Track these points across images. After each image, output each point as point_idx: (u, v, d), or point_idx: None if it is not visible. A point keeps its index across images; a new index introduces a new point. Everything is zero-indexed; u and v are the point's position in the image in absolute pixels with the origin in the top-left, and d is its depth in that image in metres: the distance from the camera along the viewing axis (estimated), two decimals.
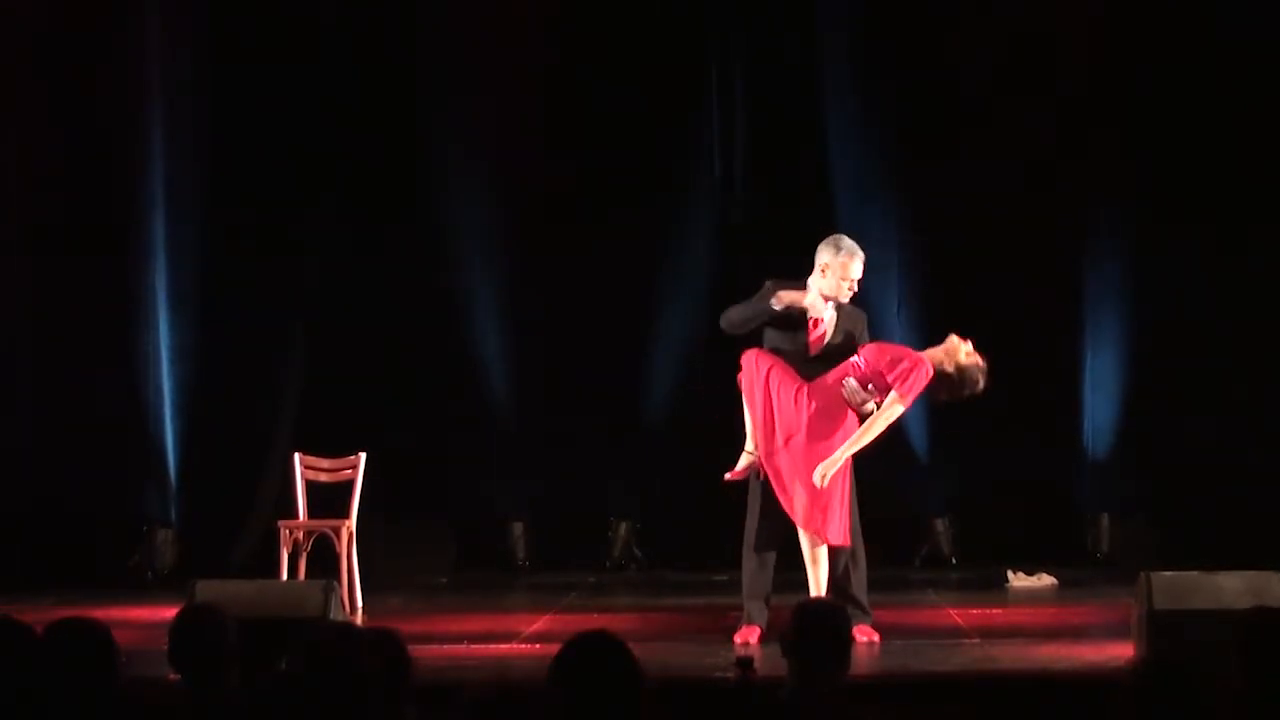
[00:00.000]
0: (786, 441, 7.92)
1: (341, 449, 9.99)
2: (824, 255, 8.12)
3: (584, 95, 11.63)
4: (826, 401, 7.93)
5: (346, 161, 11.65)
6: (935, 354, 8.12)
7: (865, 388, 7.95)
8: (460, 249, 11.75)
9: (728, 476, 8.09)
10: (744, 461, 8.06)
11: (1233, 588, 6.95)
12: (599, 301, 11.58)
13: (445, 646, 7.89)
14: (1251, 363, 11.20)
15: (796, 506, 7.89)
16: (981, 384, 8.18)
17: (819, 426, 7.91)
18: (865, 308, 8.80)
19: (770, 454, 7.95)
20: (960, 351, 8.13)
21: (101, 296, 11.31)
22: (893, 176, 11.60)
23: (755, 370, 8.01)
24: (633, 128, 11.62)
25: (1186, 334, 11.31)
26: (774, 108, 11.77)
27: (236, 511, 11.22)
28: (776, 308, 8.01)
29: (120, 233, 11.41)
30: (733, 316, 8.13)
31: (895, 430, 10.79)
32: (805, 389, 7.94)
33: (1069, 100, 11.45)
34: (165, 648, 4.85)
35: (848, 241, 8.19)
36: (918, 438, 11.42)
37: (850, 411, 7.97)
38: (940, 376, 8.07)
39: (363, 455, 9.89)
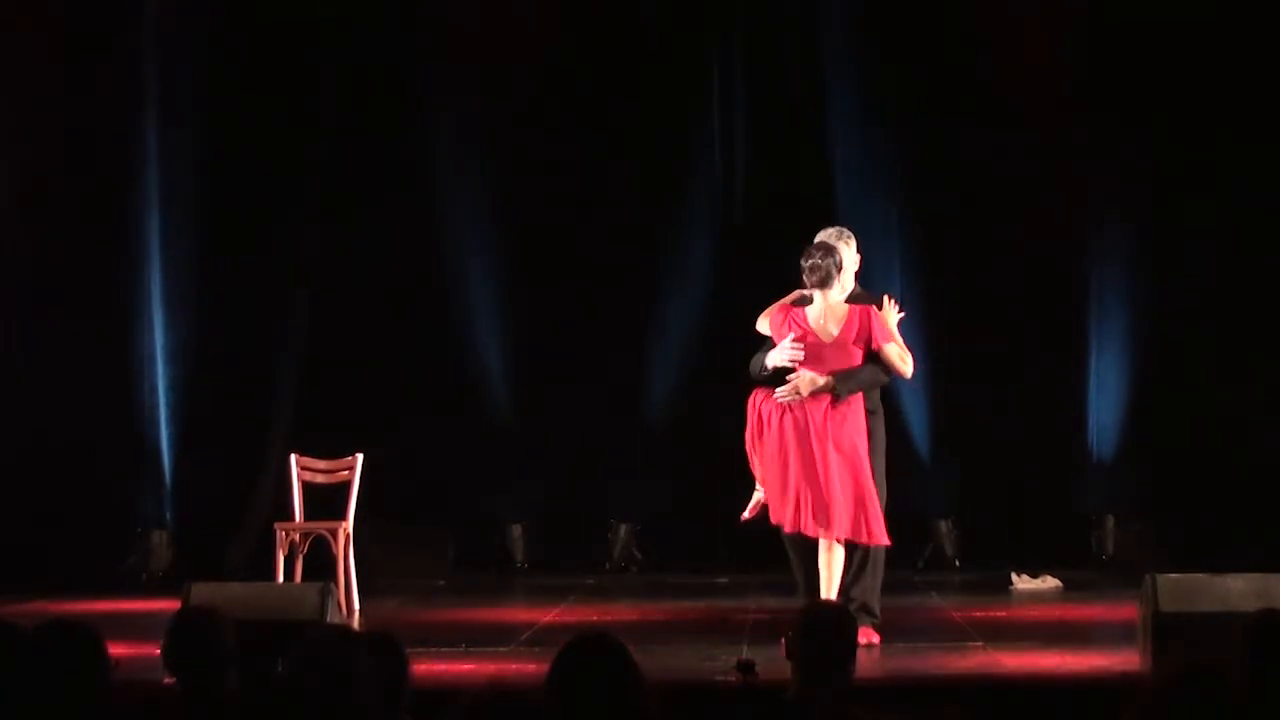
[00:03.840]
0: (803, 463, 7.81)
1: (338, 450, 9.93)
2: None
3: (584, 95, 11.60)
4: (822, 405, 7.85)
5: (343, 163, 11.61)
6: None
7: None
8: (458, 249, 11.72)
9: (745, 517, 8.05)
10: (756, 498, 8.02)
11: (1239, 590, 6.91)
12: (599, 302, 11.54)
13: (443, 649, 7.86)
14: (1257, 364, 11.16)
15: (840, 520, 7.79)
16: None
17: (833, 432, 7.83)
18: None
19: (785, 488, 7.85)
20: None
21: (96, 296, 11.28)
22: (894, 175, 11.57)
23: (752, 410, 7.94)
24: (633, 128, 11.59)
25: (1191, 334, 11.28)
26: (774, 107, 11.76)
27: (232, 513, 11.18)
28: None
29: (115, 233, 11.37)
30: (753, 367, 8.02)
31: (898, 431, 10.82)
32: (802, 406, 7.85)
33: (1072, 95, 11.41)
34: (160, 650, 4.79)
35: (841, 231, 8.11)
36: (921, 439, 11.38)
37: (853, 405, 7.88)
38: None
39: (359, 456, 9.84)
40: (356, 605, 9.57)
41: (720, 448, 8.20)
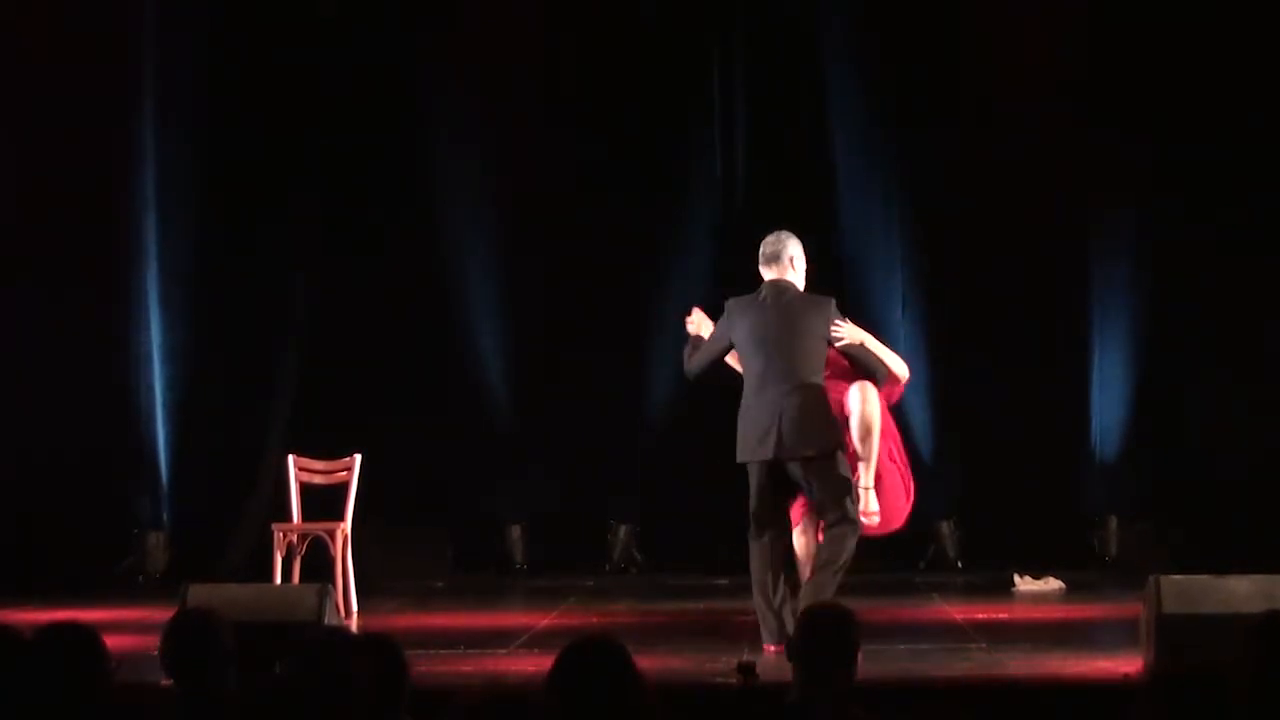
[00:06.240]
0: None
1: (336, 451, 9.89)
2: (794, 248, 8.04)
3: (584, 95, 11.57)
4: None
5: (342, 162, 11.59)
6: None
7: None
8: (458, 249, 11.69)
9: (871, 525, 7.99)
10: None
11: (1244, 591, 6.86)
12: (599, 302, 11.52)
13: (441, 651, 7.83)
14: (1260, 364, 11.13)
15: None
16: None
17: None
18: (869, 307, 8.77)
19: None
20: None
21: (93, 296, 11.24)
22: (895, 175, 11.55)
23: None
24: (633, 128, 11.56)
25: (1193, 334, 11.25)
26: (774, 107, 11.73)
27: (229, 514, 11.15)
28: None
29: (112, 232, 11.34)
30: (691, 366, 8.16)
31: (900, 432, 10.82)
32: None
33: (1073, 95, 11.38)
34: (158, 652, 4.76)
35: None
36: (923, 440, 11.35)
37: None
38: None
39: (358, 457, 9.80)
40: (355, 607, 9.54)
41: (720, 448, 8.13)
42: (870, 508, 7.83)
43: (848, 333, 7.93)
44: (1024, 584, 10.50)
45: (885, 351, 8.03)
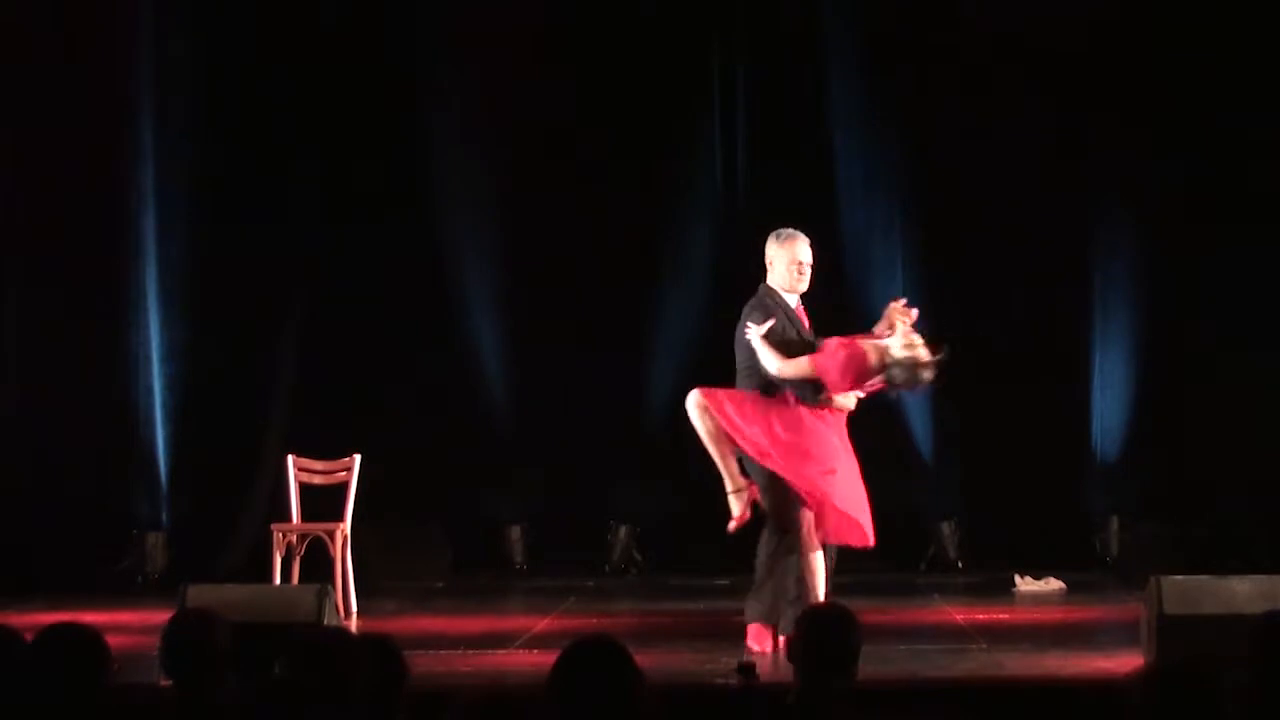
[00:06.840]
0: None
1: (336, 451, 9.88)
2: (769, 249, 7.99)
3: (585, 94, 11.56)
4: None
5: (342, 163, 11.57)
6: (867, 344, 7.87)
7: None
8: (457, 248, 11.68)
9: (733, 528, 7.91)
10: (742, 502, 7.91)
11: (1244, 592, 6.88)
12: (599, 302, 11.51)
13: (441, 652, 7.83)
14: (1262, 364, 11.12)
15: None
16: (926, 377, 7.92)
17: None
18: (870, 307, 8.70)
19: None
20: (895, 344, 7.84)
21: (92, 296, 11.23)
22: (895, 175, 11.54)
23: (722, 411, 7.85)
24: (634, 128, 11.55)
25: (1196, 335, 11.24)
26: (774, 107, 11.71)
27: (228, 514, 11.13)
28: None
29: (110, 231, 11.32)
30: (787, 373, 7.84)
31: (900, 432, 10.82)
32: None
33: (1075, 97, 11.37)
34: (157, 652, 4.76)
35: (786, 230, 8.05)
36: (923, 440, 11.35)
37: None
38: (872, 368, 7.82)
39: (357, 457, 9.78)
40: (354, 607, 9.53)
41: None
42: (734, 512, 7.84)
43: (750, 335, 7.81)
44: (1024, 584, 10.49)
45: (768, 355, 7.74)
